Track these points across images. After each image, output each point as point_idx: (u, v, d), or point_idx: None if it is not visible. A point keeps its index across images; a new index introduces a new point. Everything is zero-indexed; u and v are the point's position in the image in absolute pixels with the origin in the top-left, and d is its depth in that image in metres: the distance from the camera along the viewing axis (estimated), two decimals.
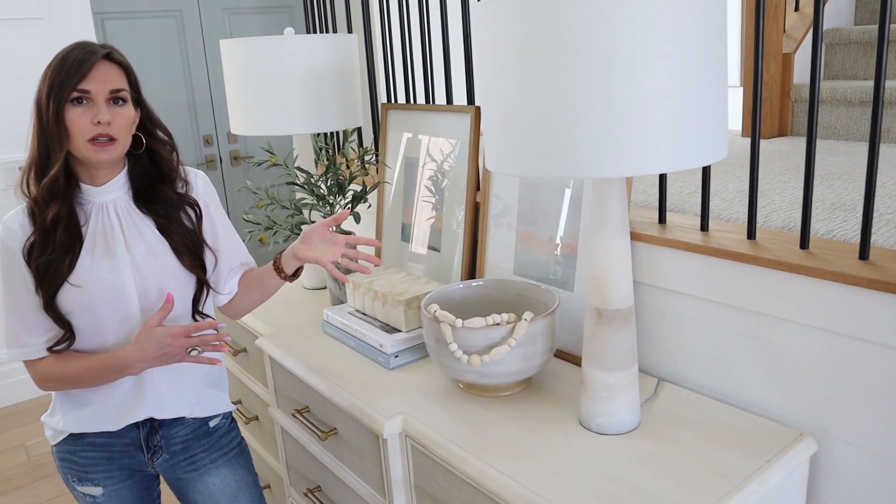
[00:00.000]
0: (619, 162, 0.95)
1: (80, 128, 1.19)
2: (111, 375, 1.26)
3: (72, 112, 1.18)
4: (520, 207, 1.60)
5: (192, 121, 3.82)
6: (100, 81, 1.20)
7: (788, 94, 2.26)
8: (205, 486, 1.43)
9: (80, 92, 1.19)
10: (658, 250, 1.36)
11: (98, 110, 1.19)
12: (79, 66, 1.18)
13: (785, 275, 1.18)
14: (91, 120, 1.19)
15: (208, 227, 1.38)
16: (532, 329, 1.26)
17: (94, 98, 1.20)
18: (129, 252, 1.28)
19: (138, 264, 1.28)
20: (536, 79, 0.95)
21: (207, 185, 1.40)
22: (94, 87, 1.19)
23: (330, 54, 1.83)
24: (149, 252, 1.29)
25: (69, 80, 1.18)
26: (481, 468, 1.14)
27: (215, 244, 1.38)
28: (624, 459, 1.13)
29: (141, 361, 1.23)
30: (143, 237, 1.30)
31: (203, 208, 1.37)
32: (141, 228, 1.30)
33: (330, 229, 1.35)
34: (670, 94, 0.93)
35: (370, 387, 1.42)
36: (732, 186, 1.67)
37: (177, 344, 1.22)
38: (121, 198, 1.30)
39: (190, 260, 1.33)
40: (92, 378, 1.27)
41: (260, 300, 1.45)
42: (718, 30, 0.97)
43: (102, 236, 1.27)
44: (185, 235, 1.33)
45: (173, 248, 1.31)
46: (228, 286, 1.42)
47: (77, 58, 1.19)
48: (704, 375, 1.35)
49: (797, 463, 1.14)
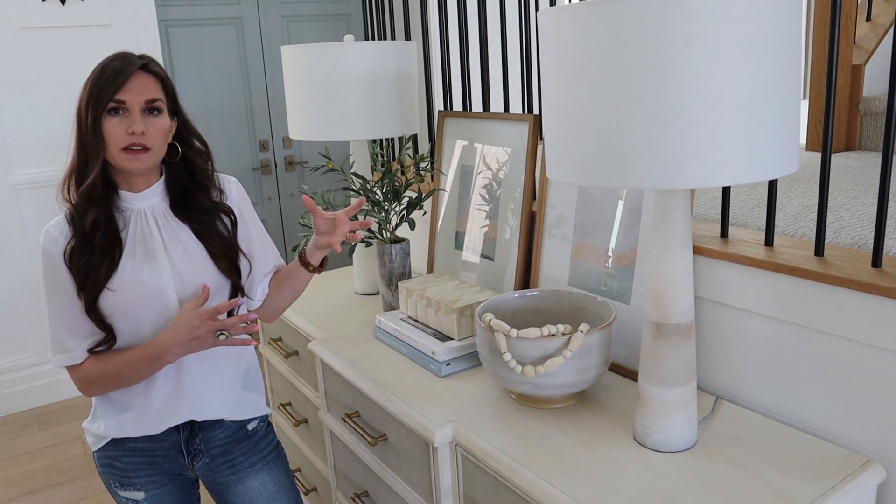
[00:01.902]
0: (688, 173, 0.92)
1: (115, 137, 1.22)
2: (148, 366, 1.27)
3: (108, 122, 1.22)
4: (576, 218, 1.58)
5: (249, 126, 3.90)
6: (135, 92, 1.23)
7: (857, 106, 2.19)
8: (244, 490, 1.45)
9: (117, 102, 1.22)
10: (719, 265, 1.32)
11: (133, 120, 1.22)
12: (115, 77, 1.21)
13: (855, 294, 1.13)
14: (126, 130, 1.22)
15: (242, 234, 1.40)
16: (587, 341, 1.24)
17: (130, 108, 1.22)
18: (168, 256, 1.30)
19: (177, 267, 1.30)
20: (605, 88, 0.94)
21: (241, 191, 1.43)
22: (129, 97, 1.22)
23: (388, 61, 1.84)
24: (187, 255, 1.32)
25: (106, 91, 1.21)
26: (533, 481, 1.12)
27: (249, 250, 1.41)
28: (680, 479, 1.10)
29: (175, 346, 1.24)
30: (182, 242, 1.32)
31: (237, 215, 1.39)
32: (179, 233, 1.32)
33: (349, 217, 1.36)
34: (743, 105, 0.91)
35: (421, 394, 1.41)
36: (797, 201, 1.62)
37: (205, 327, 1.23)
38: (158, 204, 1.32)
39: (226, 265, 1.35)
40: (131, 372, 1.28)
41: (292, 298, 1.47)
42: (793, 40, 0.94)
43: (142, 241, 1.30)
44: (222, 242, 1.36)
45: (210, 253, 1.34)
46: (261, 291, 1.44)
47: (115, 69, 1.22)
48: (766, 395, 1.31)
49: (864, 491, 1.10)
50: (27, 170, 3.19)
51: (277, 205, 4.04)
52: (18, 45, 3.09)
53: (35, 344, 3.33)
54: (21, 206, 3.20)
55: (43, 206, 3.20)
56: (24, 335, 3.31)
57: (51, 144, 3.18)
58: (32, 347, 3.33)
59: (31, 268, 3.25)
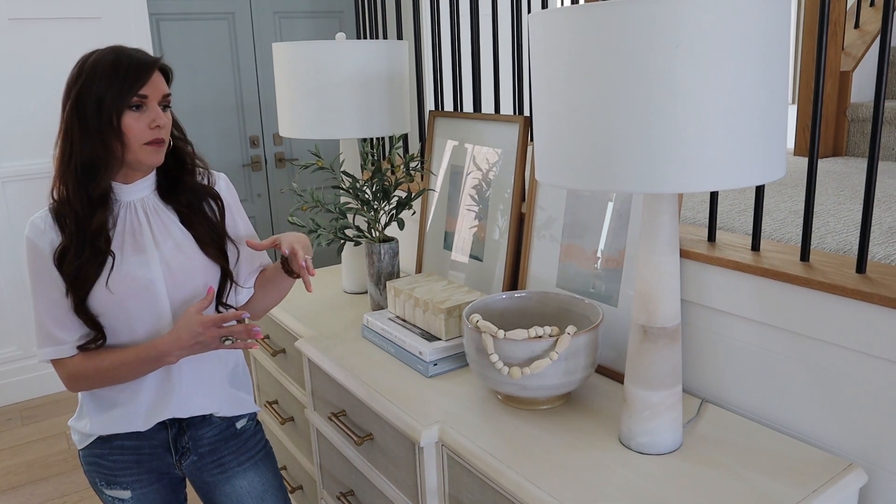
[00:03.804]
0: (677, 178, 0.93)
1: (137, 132, 1.22)
2: (147, 367, 1.27)
3: (129, 117, 1.21)
4: (565, 220, 1.58)
5: (240, 122, 3.88)
6: (154, 87, 1.24)
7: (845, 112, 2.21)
8: (232, 490, 1.44)
9: (140, 98, 1.22)
10: (706, 269, 1.33)
11: (156, 114, 1.23)
12: (138, 72, 1.21)
13: (840, 299, 1.14)
14: (149, 124, 1.22)
15: (230, 225, 1.40)
16: (574, 343, 1.24)
17: (150, 103, 1.23)
18: (157, 248, 1.30)
19: (167, 260, 1.30)
20: (594, 91, 0.94)
21: (230, 187, 1.43)
22: (151, 92, 1.23)
23: (381, 60, 1.84)
24: (176, 248, 1.31)
25: (128, 87, 1.20)
26: (519, 482, 1.12)
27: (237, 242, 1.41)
28: (665, 481, 1.11)
29: (178, 350, 1.24)
30: (170, 233, 1.32)
31: (225, 207, 1.39)
32: (167, 224, 1.32)
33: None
34: (732, 111, 0.91)
35: (408, 394, 1.41)
36: (784, 206, 1.63)
37: (208, 333, 1.23)
38: (148, 197, 1.32)
39: (214, 250, 1.35)
40: (128, 372, 1.27)
41: (276, 300, 1.47)
42: (781, 46, 0.95)
43: (131, 234, 1.29)
44: (210, 227, 1.36)
45: (197, 240, 1.33)
46: (249, 282, 1.44)
47: (132, 64, 1.21)
48: (750, 398, 1.31)
49: (846, 494, 1.11)
50: (13, 162, 3.17)
51: (267, 202, 4.03)
52: (7, 36, 3.06)
53: (19, 338, 3.30)
54: (7, 198, 3.18)
55: (30, 199, 3.17)
56: (8, 329, 3.29)
57: (38, 137, 3.16)
58: (17, 341, 3.31)
59: (17, 261, 3.23)
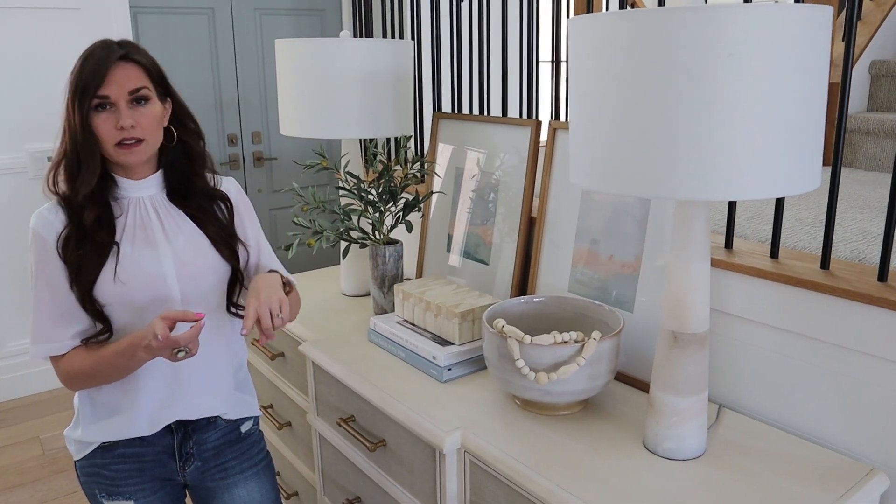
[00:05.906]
0: (720, 185, 0.93)
1: (106, 134, 1.18)
2: (125, 361, 1.19)
3: (97, 119, 1.17)
4: (578, 224, 1.58)
5: (218, 119, 3.80)
6: (118, 85, 1.18)
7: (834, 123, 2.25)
8: (231, 499, 1.41)
9: (101, 98, 1.17)
10: (725, 275, 1.34)
11: (120, 115, 1.18)
12: (95, 71, 1.16)
13: (863, 307, 1.16)
14: (115, 125, 1.18)
15: (237, 227, 1.37)
16: (599, 349, 1.24)
17: (116, 102, 1.18)
18: (169, 243, 1.26)
19: (179, 254, 1.27)
20: (641, 98, 0.94)
21: (239, 191, 1.40)
22: (112, 91, 1.17)
23: (387, 59, 1.81)
24: (189, 243, 1.28)
25: (89, 88, 1.16)
26: (550, 488, 1.11)
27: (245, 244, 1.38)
28: (692, 486, 1.11)
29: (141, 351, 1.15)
30: (182, 229, 1.29)
31: (235, 212, 1.36)
32: (178, 221, 1.29)
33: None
34: (776, 120, 0.92)
35: (423, 399, 1.40)
36: (789, 214, 1.65)
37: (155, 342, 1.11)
38: (157, 195, 1.29)
39: (227, 251, 1.32)
40: (109, 366, 1.21)
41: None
42: (823, 56, 0.96)
43: (142, 228, 1.26)
44: (220, 228, 1.33)
45: (210, 239, 1.31)
46: None
47: (94, 62, 1.17)
48: (770, 404, 1.33)
49: (869, 500, 1.12)
50: None
51: None
52: None
53: None
54: None
55: (10, 193, 3.05)
56: None
57: (19, 129, 3.04)
58: None
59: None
